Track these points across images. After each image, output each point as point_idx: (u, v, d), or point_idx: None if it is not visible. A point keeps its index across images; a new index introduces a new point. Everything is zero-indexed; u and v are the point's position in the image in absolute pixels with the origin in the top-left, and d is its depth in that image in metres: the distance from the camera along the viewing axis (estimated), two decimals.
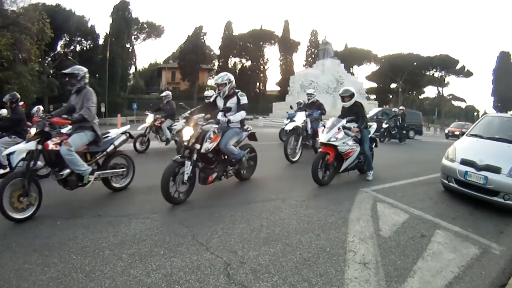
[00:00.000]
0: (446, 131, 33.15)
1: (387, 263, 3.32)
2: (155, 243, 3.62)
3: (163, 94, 11.76)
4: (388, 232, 4.16)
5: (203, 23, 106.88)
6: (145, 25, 59.16)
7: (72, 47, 52.57)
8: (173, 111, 11.35)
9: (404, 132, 18.50)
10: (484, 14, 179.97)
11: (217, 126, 5.57)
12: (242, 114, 5.81)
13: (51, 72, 46.56)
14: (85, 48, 53.84)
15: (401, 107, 19.63)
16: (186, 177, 4.96)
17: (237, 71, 60.24)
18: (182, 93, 54.65)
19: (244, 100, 5.88)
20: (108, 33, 49.76)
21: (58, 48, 50.34)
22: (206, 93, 11.88)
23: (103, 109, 41.71)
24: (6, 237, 3.88)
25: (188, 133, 5.11)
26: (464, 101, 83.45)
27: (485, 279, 3.19)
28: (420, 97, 75.62)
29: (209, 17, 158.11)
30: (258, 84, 61.19)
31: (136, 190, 5.83)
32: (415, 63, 61.95)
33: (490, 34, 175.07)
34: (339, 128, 6.42)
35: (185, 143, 5.12)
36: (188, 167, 4.97)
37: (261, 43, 60.30)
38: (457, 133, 29.39)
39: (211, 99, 6.30)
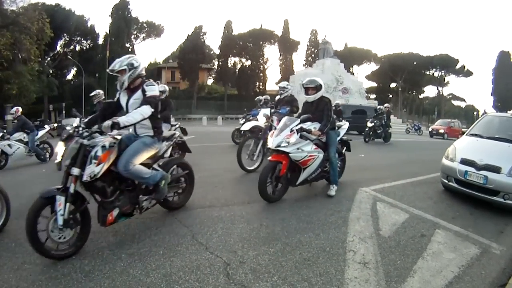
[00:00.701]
0: (430, 129, 32.01)
1: (387, 263, 3.32)
2: (155, 243, 3.61)
3: (93, 93, 9.88)
4: (388, 231, 4.16)
5: (203, 22, 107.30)
6: (144, 25, 59.11)
7: (71, 47, 52.52)
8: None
9: (390, 131, 17.47)
10: (484, 14, 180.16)
11: (111, 138, 3.65)
12: (142, 112, 3.64)
13: (51, 71, 46.58)
14: (84, 48, 53.83)
15: (386, 105, 18.84)
16: (60, 221, 3.16)
17: (237, 70, 60.31)
18: (182, 92, 54.70)
19: (151, 91, 3.84)
20: (107, 32, 49.75)
21: (58, 48, 50.30)
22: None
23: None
24: (5, 237, 3.88)
25: (60, 151, 3.51)
26: (464, 100, 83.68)
27: (485, 278, 3.19)
28: (420, 96, 75.61)
29: (209, 17, 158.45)
30: (258, 83, 61.09)
31: None
32: (415, 63, 62.02)
33: (490, 34, 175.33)
34: (291, 130, 5.18)
35: (59, 167, 3.50)
36: (62, 206, 3.20)
37: (261, 42, 60.24)
38: (441, 131, 28.78)
39: (116, 97, 4.28)
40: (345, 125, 6.76)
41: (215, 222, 4.24)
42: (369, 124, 16.71)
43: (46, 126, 11.49)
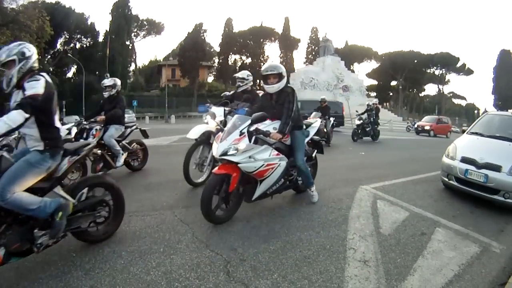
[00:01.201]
0: (415, 125, 30.68)
1: (387, 261, 3.32)
2: (155, 240, 3.61)
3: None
4: (388, 229, 4.15)
5: (203, 20, 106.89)
6: (145, 22, 59.26)
7: (72, 45, 52.67)
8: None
9: (378, 128, 16.55)
10: (485, 12, 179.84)
11: None
12: (9, 119, 2.63)
13: (51, 69, 46.63)
14: (85, 46, 53.93)
15: (374, 100, 17.87)
16: None
17: (238, 68, 60.33)
18: (182, 90, 54.72)
19: (31, 88, 2.80)
20: (108, 30, 49.81)
21: (58, 46, 50.49)
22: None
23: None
24: None
25: None
26: (465, 99, 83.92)
27: (485, 277, 3.19)
28: (420, 95, 75.66)
29: (209, 14, 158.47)
30: (258, 81, 61.18)
31: (135, 187, 5.82)
32: (415, 61, 62.08)
33: (491, 32, 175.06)
34: (241, 133, 4.08)
35: None
36: None
37: (262, 40, 60.41)
38: (427, 128, 27.60)
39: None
40: (315, 122, 5.66)
41: None
42: (357, 122, 15.77)
43: None
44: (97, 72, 50.39)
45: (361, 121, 15.53)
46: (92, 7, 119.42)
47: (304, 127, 5.04)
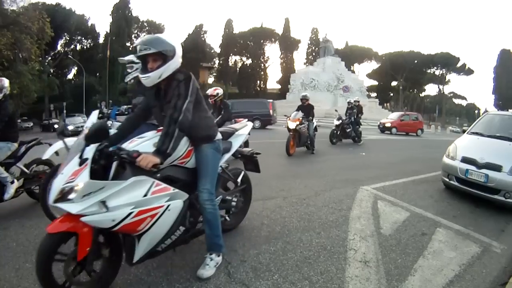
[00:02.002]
0: (378, 122, 28.30)
1: (388, 261, 3.31)
2: None
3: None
4: (389, 230, 4.15)
5: (203, 21, 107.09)
6: (145, 24, 59.35)
7: (72, 46, 52.82)
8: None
9: (360, 129, 14.94)
10: (485, 12, 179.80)
11: None
12: None
13: (52, 71, 46.69)
14: (85, 47, 54.03)
15: (355, 98, 15.86)
16: None
17: (238, 69, 60.34)
18: None
19: None
20: (108, 32, 49.83)
21: (59, 47, 50.59)
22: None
23: (103, 108, 41.50)
24: (7, 236, 3.89)
25: None
26: (465, 99, 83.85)
27: (486, 277, 3.18)
28: (421, 95, 75.61)
29: (209, 15, 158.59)
30: (258, 82, 61.22)
31: None
32: (415, 61, 62.09)
33: (491, 32, 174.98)
34: (82, 161, 2.38)
35: None
36: None
37: (262, 41, 60.42)
38: (388, 125, 25.93)
39: None
40: (243, 128, 3.89)
41: None
42: (336, 122, 14.03)
43: None
44: (97, 74, 50.48)
45: (340, 121, 13.89)
46: (93, 9, 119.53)
47: (220, 136, 3.21)
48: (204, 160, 2.95)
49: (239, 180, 3.80)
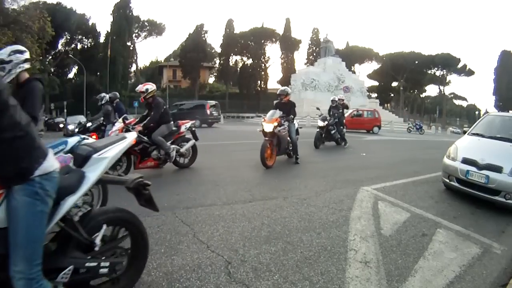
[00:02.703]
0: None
1: (388, 262, 3.31)
2: (156, 241, 3.60)
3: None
4: (389, 230, 4.15)
5: (204, 21, 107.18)
6: (146, 23, 59.29)
7: (73, 45, 52.80)
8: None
9: (344, 130, 13.85)
10: (486, 13, 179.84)
11: None
12: None
13: (52, 70, 46.69)
14: (86, 46, 54.03)
15: (340, 96, 14.66)
16: None
17: (239, 69, 60.35)
18: (183, 91, 54.76)
19: None
20: (109, 31, 49.85)
21: (59, 46, 50.55)
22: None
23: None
24: None
25: None
26: (466, 100, 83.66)
27: (486, 278, 3.18)
28: (421, 95, 75.57)
29: (210, 15, 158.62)
30: (259, 82, 61.20)
31: None
32: (416, 62, 62.03)
33: (492, 33, 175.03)
34: None
35: None
36: None
37: (263, 41, 60.40)
38: (320, 124, 24.64)
39: None
40: (122, 141, 2.60)
41: (216, 221, 4.23)
42: (320, 123, 12.72)
43: None
44: (98, 73, 50.48)
45: (326, 122, 12.63)
46: (93, 8, 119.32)
47: (56, 167, 1.92)
48: (13, 216, 1.74)
49: (95, 242, 2.25)
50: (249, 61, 61.06)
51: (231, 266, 3.08)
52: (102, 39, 53.02)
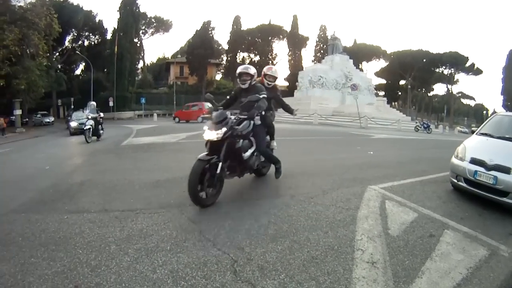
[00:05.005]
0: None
1: (395, 263, 3.28)
2: (162, 238, 3.62)
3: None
4: (396, 231, 4.11)
5: (211, 17, 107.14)
6: (153, 20, 59.50)
7: (80, 42, 53.17)
8: None
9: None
10: (494, 12, 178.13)
11: None
12: None
13: (59, 66, 47.06)
14: (93, 43, 54.35)
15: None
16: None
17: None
18: (190, 88, 54.82)
19: None
20: (116, 28, 50.03)
21: (66, 43, 50.93)
22: None
23: (111, 104, 42.01)
24: (12, 231, 3.92)
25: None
26: (474, 99, 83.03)
27: (493, 281, 3.14)
28: (429, 94, 75.10)
29: (217, 12, 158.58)
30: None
31: (143, 184, 5.84)
32: (424, 60, 61.58)
33: (500, 32, 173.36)
34: None
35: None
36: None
37: (270, 38, 60.42)
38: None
39: None
40: None
41: (223, 219, 4.22)
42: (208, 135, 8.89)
43: None
44: (105, 69, 50.71)
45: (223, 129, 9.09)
46: (100, 5, 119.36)
47: None
48: None
49: None
50: (257, 58, 61.06)
51: (237, 265, 3.07)
52: (109, 36, 53.27)
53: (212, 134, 4.69)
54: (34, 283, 2.79)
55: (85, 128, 15.04)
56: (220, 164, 4.62)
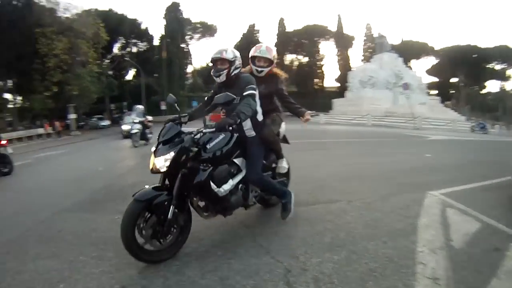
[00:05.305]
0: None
1: (459, 280, 2.95)
2: (213, 243, 3.58)
3: None
4: (459, 243, 3.74)
5: (254, 21, 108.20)
6: (198, 25, 60.90)
7: (128, 49, 55.43)
8: None
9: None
10: None
11: None
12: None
13: (110, 73, 49.33)
14: (141, 50, 56.49)
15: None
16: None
17: (295, 67, 60.79)
18: None
19: None
20: (163, 34, 51.66)
21: (115, 50, 53.19)
22: None
23: (163, 107, 43.56)
24: (64, 228, 4.06)
25: None
26: None
27: None
28: (481, 92, 71.46)
29: (260, 15, 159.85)
30: (316, 80, 61.08)
31: None
32: (474, 55, 58.70)
33: None
34: None
35: None
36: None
37: (316, 38, 60.29)
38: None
39: None
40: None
41: (277, 224, 4.10)
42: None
43: None
44: (155, 74, 52.46)
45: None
46: (144, 13, 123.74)
47: None
48: None
49: None
50: (305, 60, 61.10)
51: (290, 275, 2.93)
52: (156, 42, 55.07)
53: (158, 161, 3.08)
54: (80, 281, 2.83)
55: (131, 132, 15.18)
56: (172, 207, 3.09)
